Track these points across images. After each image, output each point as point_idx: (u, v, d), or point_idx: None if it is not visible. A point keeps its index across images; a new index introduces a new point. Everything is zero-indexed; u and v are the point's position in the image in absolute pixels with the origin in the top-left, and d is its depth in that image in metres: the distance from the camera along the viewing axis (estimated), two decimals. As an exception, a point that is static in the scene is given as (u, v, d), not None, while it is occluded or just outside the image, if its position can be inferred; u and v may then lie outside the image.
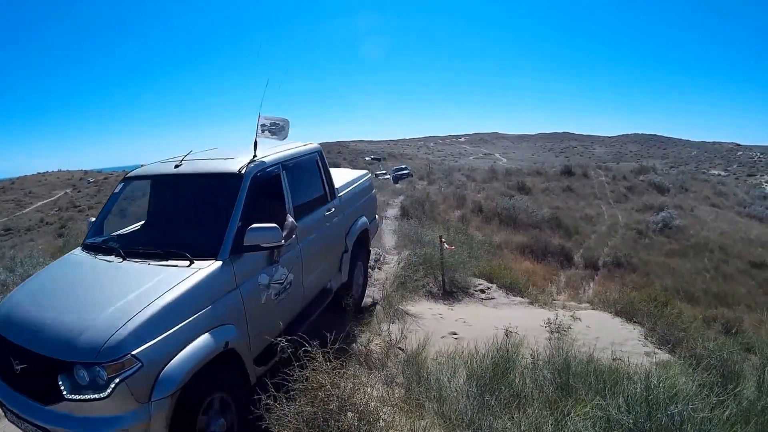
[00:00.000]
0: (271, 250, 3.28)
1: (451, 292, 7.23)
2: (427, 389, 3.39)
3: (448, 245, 7.32)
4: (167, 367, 2.45)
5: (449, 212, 17.58)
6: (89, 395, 2.34)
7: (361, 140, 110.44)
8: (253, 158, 3.58)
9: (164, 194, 4.01)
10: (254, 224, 3.08)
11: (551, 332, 5.66)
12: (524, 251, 13.72)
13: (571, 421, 2.79)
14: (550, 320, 5.98)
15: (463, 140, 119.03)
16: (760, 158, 73.95)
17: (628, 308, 6.91)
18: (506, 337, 4.88)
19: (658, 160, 72.97)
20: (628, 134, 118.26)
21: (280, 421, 2.69)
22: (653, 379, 2.95)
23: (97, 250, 3.38)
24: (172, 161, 3.83)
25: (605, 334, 5.78)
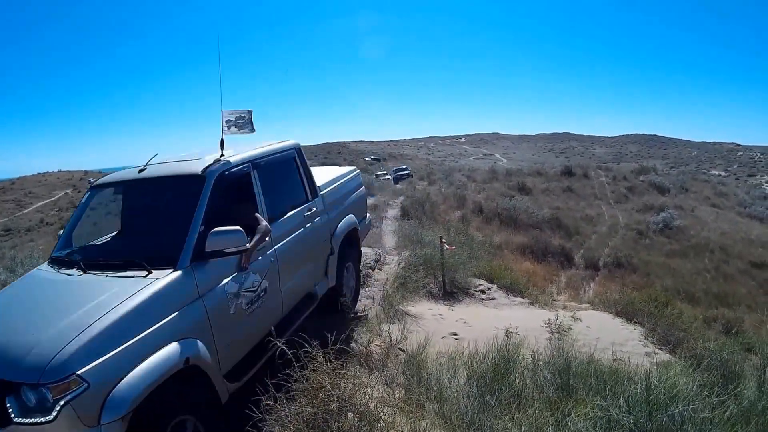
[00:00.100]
0: (240, 255, 3.09)
1: (451, 292, 7.22)
2: (427, 390, 3.39)
3: (448, 246, 7.31)
4: (117, 387, 2.26)
5: (449, 213, 17.58)
6: (37, 418, 2.19)
7: (361, 140, 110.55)
8: (219, 157, 3.40)
9: (131, 201, 3.82)
10: (217, 228, 2.88)
11: (552, 333, 5.66)
12: (525, 252, 13.72)
13: (571, 421, 2.79)
14: (550, 321, 5.98)
15: (463, 141, 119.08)
16: (760, 158, 73.91)
17: (628, 309, 6.92)
18: (507, 337, 4.88)
19: (658, 160, 72.94)
20: (628, 134, 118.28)
21: (280, 421, 2.69)
22: (654, 379, 2.94)
23: (61, 263, 3.21)
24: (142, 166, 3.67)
25: (606, 334, 5.77)
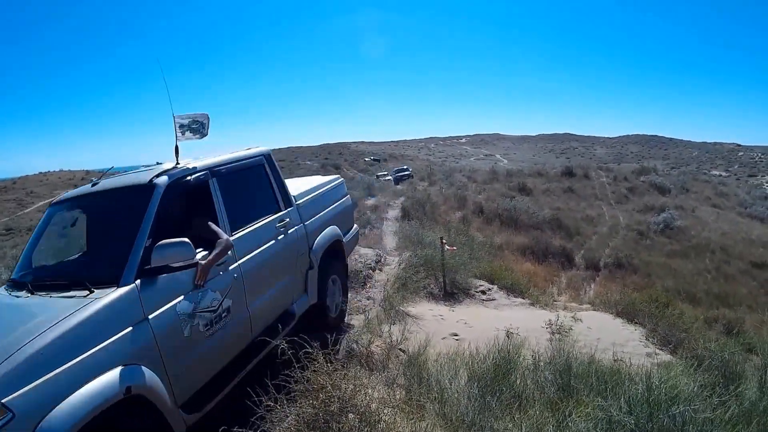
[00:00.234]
0: (195, 271, 2.89)
1: (452, 293, 7.23)
2: (428, 390, 3.39)
3: (449, 246, 7.32)
4: (47, 418, 2.07)
5: (450, 213, 17.59)
6: None
7: (362, 141, 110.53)
8: (175, 166, 3.21)
9: (88, 216, 3.63)
10: (163, 241, 2.67)
11: (552, 333, 5.65)
12: (525, 252, 13.73)
13: (572, 422, 2.79)
14: (551, 321, 5.97)
15: (464, 141, 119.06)
16: (761, 158, 73.81)
17: (629, 309, 6.91)
18: (507, 338, 4.88)
19: (659, 160, 72.86)
20: (629, 135, 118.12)
21: (281, 422, 2.69)
22: (655, 379, 2.94)
23: (15, 286, 3.04)
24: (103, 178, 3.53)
25: (606, 335, 5.77)
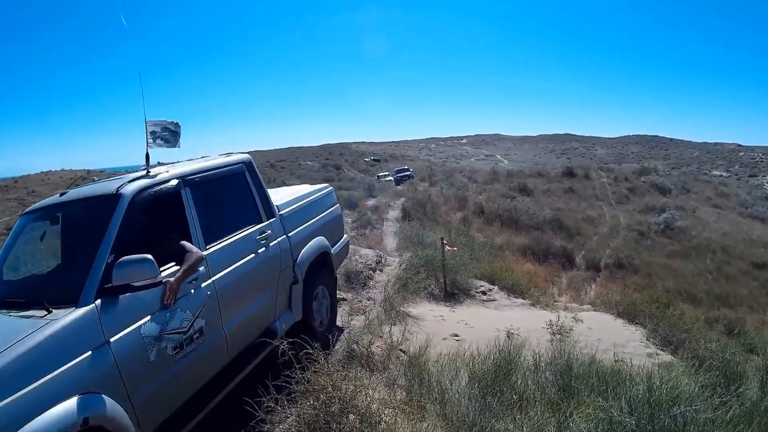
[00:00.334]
0: (163, 289, 2.66)
1: (452, 293, 7.23)
2: (428, 391, 3.38)
3: (449, 247, 7.32)
4: None
5: (451, 214, 17.58)
6: None
7: (363, 141, 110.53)
8: (145, 174, 3.04)
9: (59, 228, 3.40)
10: (125, 257, 2.46)
11: (553, 334, 5.66)
12: (526, 253, 13.71)
13: (573, 422, 2.78)
14: (551, 322, 5.97)
15: (464, 141, 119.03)
16: (761, 159, 73.74)
17: (630, 309, 6.91)
18: (508, 338, 4.87)
19: (659, 161, 72.80)
20: (629, 135, 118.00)
21: (281, 423, 2.70)
22: (655, 380, 2.94)
23: None
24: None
25: (607, 335, 5.77)
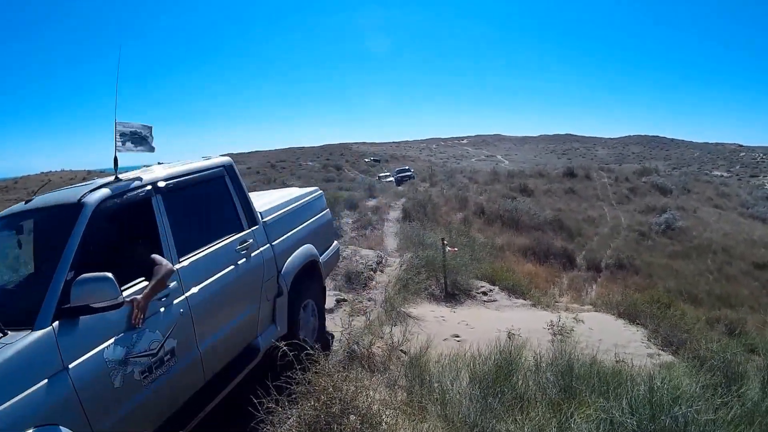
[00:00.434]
0: (131, 308, 2.41)
1: (453, 294, 7.23)
2: (429, 392, 3.38)
3: (450, 247, 7.32)
4: None
5: (451, 214, 17.58)
6: None
7: (363, 142, 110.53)
8: (112, 181, 2.77)
9: (25, 239, 3.15)
10: (84, 275, 2.20)
11: (554, 334, 5.65)
12: (526, 253, 13.72)
13: (574, 423, 2.78)
14: (552, 322, 5.97)
15: (465, 142, 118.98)
16: (762, 159, 73.65)
17: (631, 310, 6.92)
18: (509, 339, 4.87)
19: (660, 161, 72.75)
20: (630, 135, 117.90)
21: (282, 424, 2.69)
22: (657, 380, 2.94)
23: None
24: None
25: (608, 336, 5.77)
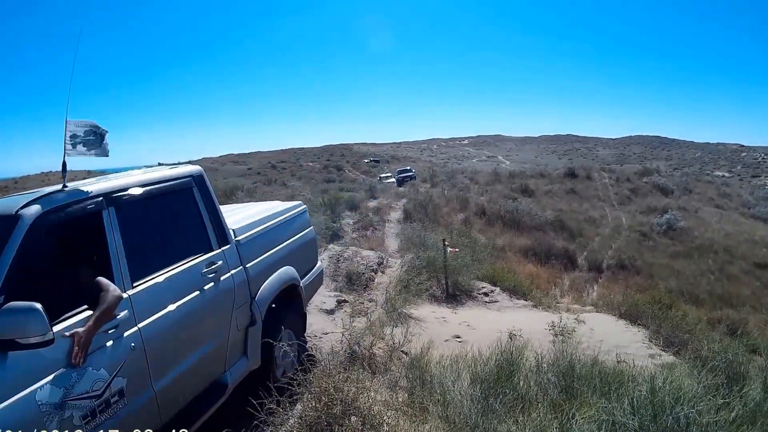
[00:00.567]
0: (71, 344, 2.05)
1: (454, 295, 7.23)
2: (430, 393, 3.38)
3: (451, 248, 7.32)
4: None
5: (452, 215, 17.57)
6: None
7: (364, 143, 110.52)
8: (59, 190, 2.40)
9: None
10: (12, 304, 1.90)
11: (555, 335, 5.65)
12: (528, 254, 13.70)
13: (576, 424, 2.78)
14: (554, 323, 5.97)
15: (466, 143, 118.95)
16: (764, 159, 73.60)
17: (632, 310, 6.91)
18: (510, 340, 4.86)
19: (661, 161, 72.71)
20: (631, 136, 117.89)
21: (283, 425, 2.70)
22: (658, 381, 2.94)
23: None
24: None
25: (609, 336, 5.76)
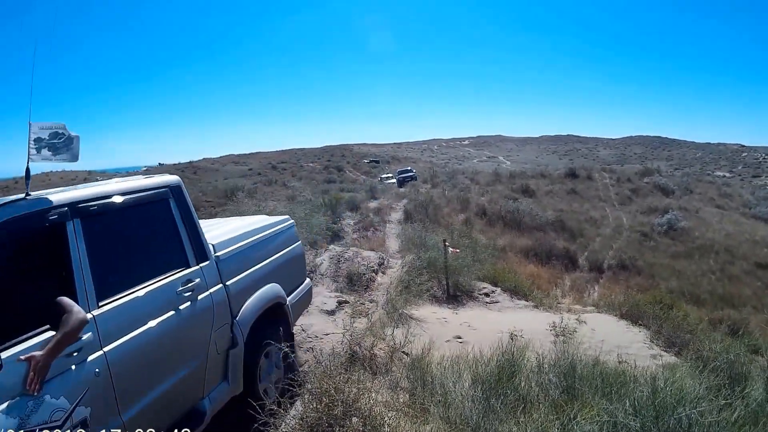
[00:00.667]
0: (27, 370, 1.86)
1: (455, 295, 7.22)
2: (431, 394, 3.38)
3: (452, 248, 7.32)
4: None
5: (453, 216, 17.56)
6: None
7: (364, 143, 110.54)
8: (21, 198, 2.21)
9: None
10: None
11: (556, 335, 5.64)
12: (528, 254, 13.70)
13: (577, 425, 2.77)
14: (555, 323, 5.97)
15: (466, 143, 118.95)
16: (765, 159, 73.56)
17: (633, 311, 6.90)
18: (511, 340, 4.85)
19: (662, 161, 72.68)
20: (632, 136, 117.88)
21: (284, 426, 2.69)
22: (660, 382, 2.93)
23: None
24: None
25: (611, 337, 5.75)
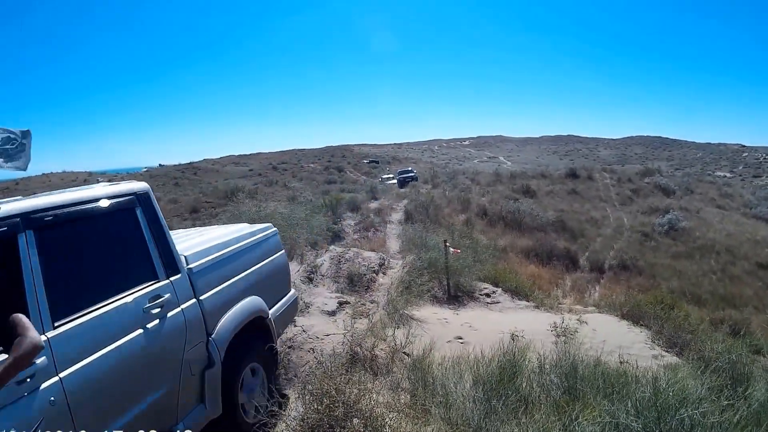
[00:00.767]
0: None
1: (456, 296, 7.22)
2: (432, 394, 3.37)
3: (453, 249, 7.31)
4: None
5: (454, 216, 17.55)
6: None
7: (365, 144, 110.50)
8: None
9: None
10: None
11: (558, 336, 5.63)
12: (529, 255, 13.69)
13: (579, 425, 2.76)
14: (556, 324, 5.96)
15: (467, 143, 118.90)
16: (765, 159, 73.46)
17: (634, 311, 6.90)
18: (512, 341, 4.86)
19: (663, 162, 72.62)
20: (632, 136, 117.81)
21: (285, 427, 2.69)
22: (662, 382, 2.92)
23: None
24: None
25: (612, 337, 5.74)
